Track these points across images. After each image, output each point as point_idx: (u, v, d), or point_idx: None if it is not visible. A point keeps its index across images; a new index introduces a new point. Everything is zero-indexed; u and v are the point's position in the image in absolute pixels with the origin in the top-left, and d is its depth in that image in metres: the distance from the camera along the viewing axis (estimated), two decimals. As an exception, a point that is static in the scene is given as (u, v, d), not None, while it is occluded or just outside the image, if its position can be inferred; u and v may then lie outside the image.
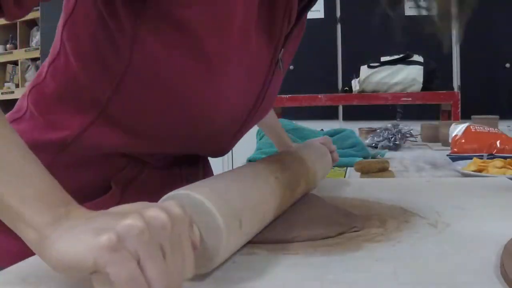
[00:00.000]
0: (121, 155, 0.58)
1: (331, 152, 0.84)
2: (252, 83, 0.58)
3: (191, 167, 0.69)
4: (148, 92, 0.52)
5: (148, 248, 0.30)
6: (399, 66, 2.30)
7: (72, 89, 0.55)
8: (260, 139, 1.36)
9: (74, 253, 0.30)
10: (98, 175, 0.58)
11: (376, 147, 1.51)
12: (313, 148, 0.78)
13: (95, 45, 0.51)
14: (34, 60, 4.04)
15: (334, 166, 1.17)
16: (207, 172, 0.76)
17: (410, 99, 2.22)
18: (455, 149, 1.24)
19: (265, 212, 0.50)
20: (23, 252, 0.48)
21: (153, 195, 0.62)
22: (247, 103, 0.60)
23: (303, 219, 0.56)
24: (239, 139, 0.68)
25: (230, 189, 0.45)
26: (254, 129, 1.50)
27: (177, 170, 0.66)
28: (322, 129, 1.51)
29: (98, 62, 0.52)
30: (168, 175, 0.64)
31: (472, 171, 0.98)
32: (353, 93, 2.42)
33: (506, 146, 1.18)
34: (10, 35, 4.14)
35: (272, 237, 0.51)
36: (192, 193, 0.40)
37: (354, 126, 1.79)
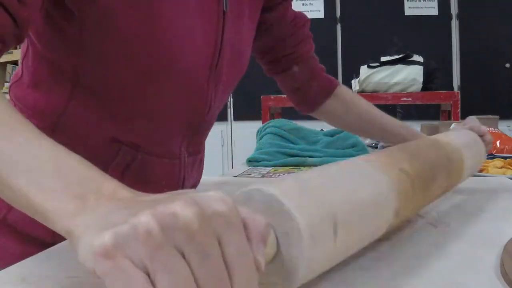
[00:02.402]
0: (111, 140, 0.58)
1: (481, 136, 0.69)
2: (202, 21, 0.58)
3: (191, 156, 0.68)
4: (107, 46, 0.52)
5: (158, 255, 0.23)
6: (399, 66, 2.30)
7: (43, 71, 0.56)
8: (260, 139, 1.36)
9: (82, 255, 0.25)
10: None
11: (376, 147, 1.51)
12: (458, 132, 0.64)
13: (49, 19, 0.52)
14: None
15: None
16: (203, 156, 0.77)
17: (410, 99, 2.22)
18: (455, 149, 1.24)
19: (379, 215, 0.38)
20: (27, 254, 0.48)
21: (150, 184, 0.62)
22: (205, 44, 0.59)
23: None
24: (220, 103, 0.67)
25: (324, 182, 0.34)
26: (254, 129, 1.50)
27: (176, 160, 0.65)
28: (322, 129, 1.50)
29: (55, 31, 0.53)
30: (166, 163, 0.63)
31: (472, 171, 0.98)
32: (353, 93, 2.41)
33: (506, 146, 1.18)
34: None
35: None
36: (265, 187, 0.29)
37: (354, 126, 1.79)
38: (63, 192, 0.30)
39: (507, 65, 3.19)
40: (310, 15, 4.00)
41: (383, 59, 2.34)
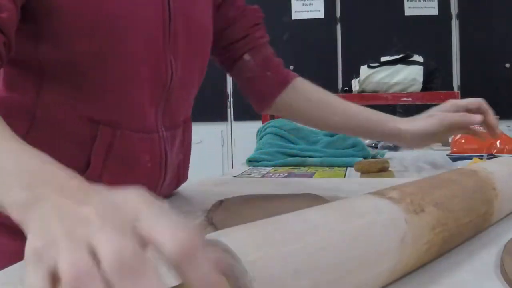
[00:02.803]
0: (88, 121, 0.59)
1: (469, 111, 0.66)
2: None
3: (169, 130, 0.69)
4: (59, 27, 0.54)
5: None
6: (399, 66, 2.30)
7: (10, 72, 0.58)
8: (260, 139, 1.36)
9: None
10: (73, 151, 0.59)
11: (376, 147, 1.51)
12: (503, 160, 0.59)
13: None
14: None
15: (333, 166, 1.17)
16: (187, 137, 0.76)
17: (410, 99, 2.22)
18: (455, 149, 1.24)
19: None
20: (22, 252, 0.48)
21: (135, 165, 0.63)
22: (154, 10, 0.60)
23: None
24: (185, 74, 0.67)
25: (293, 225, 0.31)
26: (254, 129, 1.50)
27: (154, 134, 0.65)
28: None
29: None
30: (145, 139, 0.64)
31: (472, 171, 0.98)
32: (353, 93, 2.42)
33: (506, 146, 1.18)
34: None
35: None
36: (243, 256, 0.27)
37: (354, 126, 1.79)
38: (16, 182, 0.32)
39: (507, 65, 3.19)
40: (310, 15, 3.97)
41: (383, 59, 2.35)
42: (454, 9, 3.29)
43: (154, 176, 0.67)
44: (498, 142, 1.20)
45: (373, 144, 1.54)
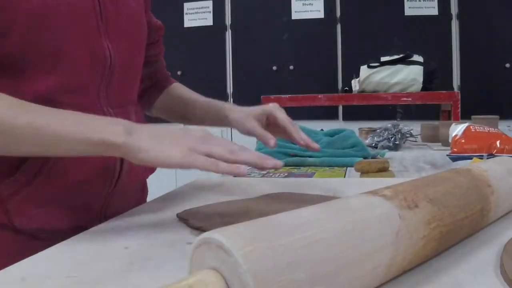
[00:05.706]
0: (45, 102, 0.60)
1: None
2: None
3: (118, 108, 0.72)
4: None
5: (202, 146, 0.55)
6: (399, 66, 2.30)
7: None
8: (260, 139, 1.36)
9: (167, 157, 0.53)
10: None
11: (376, 147, 1.51)
12: (500, 160, 0.60)
13: None
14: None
15: (333, 166, 1.17)
16: (141, 120, 0.80)
17: (410, 99, 2.22)
18: (455, 149, 1.24)
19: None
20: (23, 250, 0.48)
21: None
22: None
23: None
24: (126, 58, 0.72)
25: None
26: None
27: (99, 111, 0.68)
28: (322, 129, 1.50)
29: None
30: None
31: (472, 171, 0.98)
32: (353, 93, 2.42)
33: (506, 146, 1.18)
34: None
35: None
36: (236, 251, 0.27)
37: (354, 126, 1.79)
38: (107, 126, 0.53)
39: (507, 65, 3.19)
40: (310, 15, 3.95)
41: (383, 59, 2.35)
42: (454, 9, 3.29)
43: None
44: (498, 142, 1.21)
45: (373, 144, 1.54)
